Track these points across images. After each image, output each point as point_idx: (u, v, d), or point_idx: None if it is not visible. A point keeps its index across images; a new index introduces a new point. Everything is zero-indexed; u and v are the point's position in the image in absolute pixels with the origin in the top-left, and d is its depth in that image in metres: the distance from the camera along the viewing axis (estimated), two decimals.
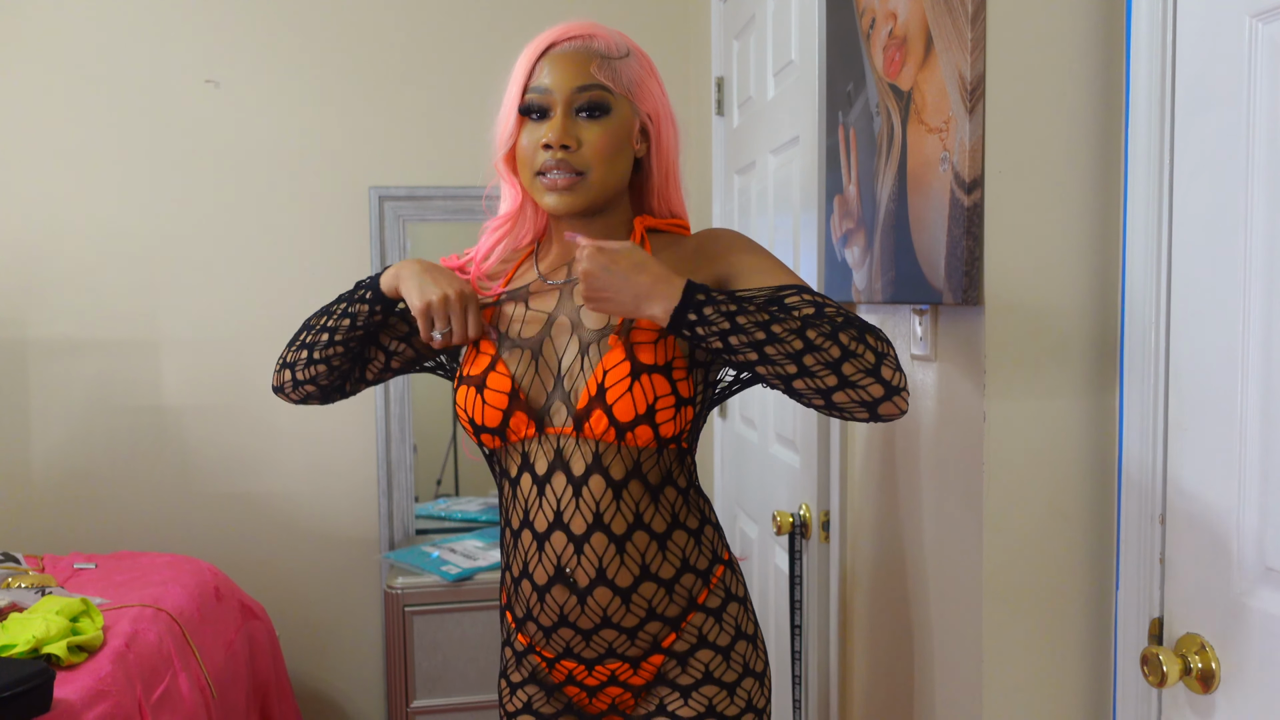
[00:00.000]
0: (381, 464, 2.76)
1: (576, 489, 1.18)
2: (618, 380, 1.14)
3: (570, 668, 1.24)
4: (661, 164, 1.27)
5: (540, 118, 1.20)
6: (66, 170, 2.62)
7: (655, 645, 1.22)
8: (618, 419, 1.14)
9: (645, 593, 1.20)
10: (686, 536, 1.23)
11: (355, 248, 2.74)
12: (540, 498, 1.19)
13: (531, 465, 1.20)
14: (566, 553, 1.18)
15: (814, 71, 1.75)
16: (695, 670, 1.23)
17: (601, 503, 1.17)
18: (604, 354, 1.17)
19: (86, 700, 1.60)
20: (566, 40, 1.21)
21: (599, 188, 1.20)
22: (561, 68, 1.19)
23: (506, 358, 1.22)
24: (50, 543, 2.63)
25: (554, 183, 1.18)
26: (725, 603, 1.26)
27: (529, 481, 1.20)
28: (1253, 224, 0.95)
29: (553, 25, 1.28)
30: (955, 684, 1.30)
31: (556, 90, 1.18)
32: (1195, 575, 1.04)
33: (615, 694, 1.26)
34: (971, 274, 1.19)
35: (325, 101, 2.71)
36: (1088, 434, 1.21)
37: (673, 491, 1.22)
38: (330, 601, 2.79)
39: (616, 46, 1.22)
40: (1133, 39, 1.11)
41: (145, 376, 2.68)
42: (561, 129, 1.17)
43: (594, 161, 1.18)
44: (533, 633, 1.25)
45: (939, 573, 1.35)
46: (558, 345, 1.21)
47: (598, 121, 1.19)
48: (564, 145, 1.17)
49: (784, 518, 1.80)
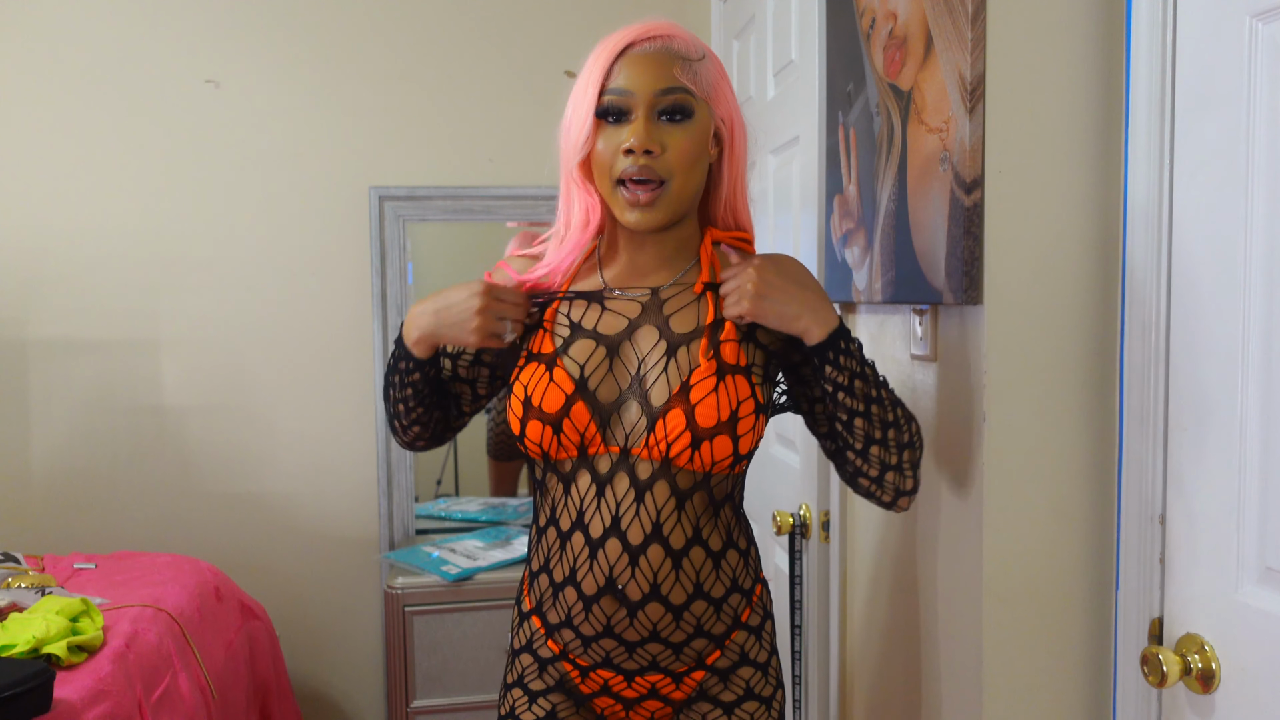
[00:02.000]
0: (381, 464, 2.76)
1: (639, 494, 1.14)
2: (704, 375, 1.13)
3: (607, 677, 1.21)
4: (733, 172, 1.23)
5: (618, 121, 1.14)
6: (66, 170, 2.62)
7: (700, 661, 1.21)
8: (698, 424, 1.11)
9: (696, 610, 1.18)
10: (738, 556, 1.22)
11: (355, 248, 2.74)
12: (599, 499, 1.15)
13: (591, 462, 1.16)
14: (620, 563, 1.15)
15: (814, 71, 1.75)
16: (737, 687, 1.22)
17: (663, 512, 1.14)
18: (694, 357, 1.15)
19: (86, 700, 1.60)
20: (647, 40, 1.15)
21: (679, 198, 1.15)
22: (643, 68, 1.13)
23: (575, 349, 1.18)
24: (50, 543, 2.63)
25: (636, 198, 1.13)
26: (764, 620, 1.26)
27: (587, 480, 1.16)
28: (1253, 224, 0.95)
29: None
30: (955, 684, 1.30)
31: (638, 92, 1.12)
32: (1195, 575, 1.04)
33: (655, 708, 1.23)
34: (971, 274, 1.19)
35: (325, 101, 2.71)
36: (1088, 434, 1.21)
37: (730, 509, 1.20)
38: (330, 601, 2.79)
39: (695, 48, 1.17)
40: (1133, 39, 1.11)
41: (145, 376, 2.68)
42: (645, 132, 1.12)
43: (677, 168, 1.13)
44: (568, 640, 1.21)
45: (939, 573, 1.35)
46: (640, 346, 1.17)
47: (680, 126, 1.14)
48: (647, 150, 1.12)
49: (784, 518, 1.80)
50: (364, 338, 2.75)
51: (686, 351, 1.15)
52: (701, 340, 1.15)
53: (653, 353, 1.16)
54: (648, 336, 1.17)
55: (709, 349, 1.14)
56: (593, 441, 1.15)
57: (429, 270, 2.83)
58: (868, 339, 1.58)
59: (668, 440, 1.12)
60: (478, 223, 2.77)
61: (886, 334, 1.50)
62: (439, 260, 2.87)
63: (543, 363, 1.17)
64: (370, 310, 2.74)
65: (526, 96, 2.76)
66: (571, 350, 1.18)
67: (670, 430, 1.12)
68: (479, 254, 2.87)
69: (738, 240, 1.24)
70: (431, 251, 2.85)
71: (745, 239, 1.25)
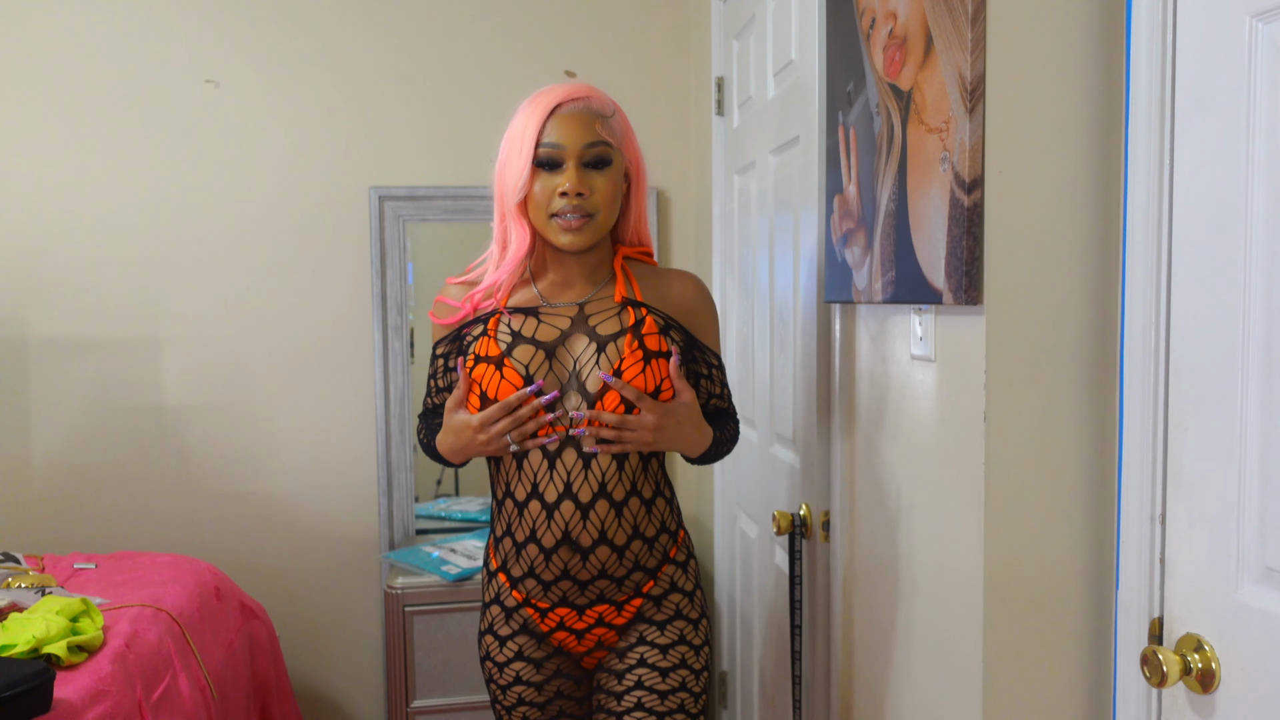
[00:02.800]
0: (381, 464, 2.76)
1: (586, 462, 1.43)
2: (632, 364, 1.42)
3: (562, 614, 1.49)
4: (638, 202, 1.53)
5: (551, 169, 1.41)
6: (67, 169, 2.62)
7: (637, 590, 1.50)
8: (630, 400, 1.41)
9: (634, 549, 1.48)
10: (664, 503, 1.53)
11: (355, 248, 2.74)
12: (551, 471, 1.43)
13: (543, 445, 1.43)
14: (574, 519, 1.43)
15: (814, 71, 1.75)
16: (668, 609, 1.52)
17: (607, 473, 1.44)
18: (620, 349, 1.43)
19: (86, 700, 1.60)
20: (571, 101, 1.43)
21: (603, 226, 1.45)
22: (570, 126, 1.41)
23: (518, 352, 1.44)
24: (50, 543, 2.63)
25: (569, 224, 1.41)
26: (688, 559, 1.56)
27: (539, 457, 1.44)
28: (1253, 224, 0.95)
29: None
30: (955, 684, 1.30)
31: (569, 145, 1.40)
32: (1195, 575, 1.04)
33: (601, 634, 1.51)
34: (971, 274, 1.19)
35: (325, 101, 2.71)
36: (1088, 434, 1.21)
37: (656, 463, 1.51)
38: (330, 601, 2.79)
39: (608, 106, 1.46)
40: (1133, 39, 1.11)
41: (145, 376, 2.68)
42: (577, 179, 1.40)
43: (602, 205, 1.42)
44: (531, 588, 1.49)
45: (939, 573, 1.35)
46: (573, 349, 1.45)
47: (602, 171, 1.43)
48: (579, 193, 1.39)
49: (784, 518, 1.80)
50: (364, 338, 2.75)
51: (615, 346, 1.44)
52: (626, 336, 1.44)
53: (584, 353, 1.44)
54: (579, 341, 1.46)
55: (633, 341, 1.43)
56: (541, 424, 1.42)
57: (429, 270, 2.83)
58: (868, 339, 1.58)
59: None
60: (478, 223, 2.77)
61: (886, 334, 1.50)
62: (439, 260, 2.87)
63: (492, 363, 1.43)
64: (370, 310, 2.74)
65: (526, 96, 2.75)
66: (515, 353, 1.44)
67: (608, 407, 1.41)
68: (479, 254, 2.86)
69: (642, 254, 1.56)
70: (431, 251, 2.85)
71: (647, 252, 1.57)
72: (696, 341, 1.55)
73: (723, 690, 2.66)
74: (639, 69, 2.83)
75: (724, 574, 2.60)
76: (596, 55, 2.80)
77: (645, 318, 1.46)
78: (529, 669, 1.52)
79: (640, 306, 1.48)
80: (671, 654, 1.49)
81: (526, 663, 1.52)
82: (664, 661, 1.49)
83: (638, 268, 1.55)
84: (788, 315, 1.96)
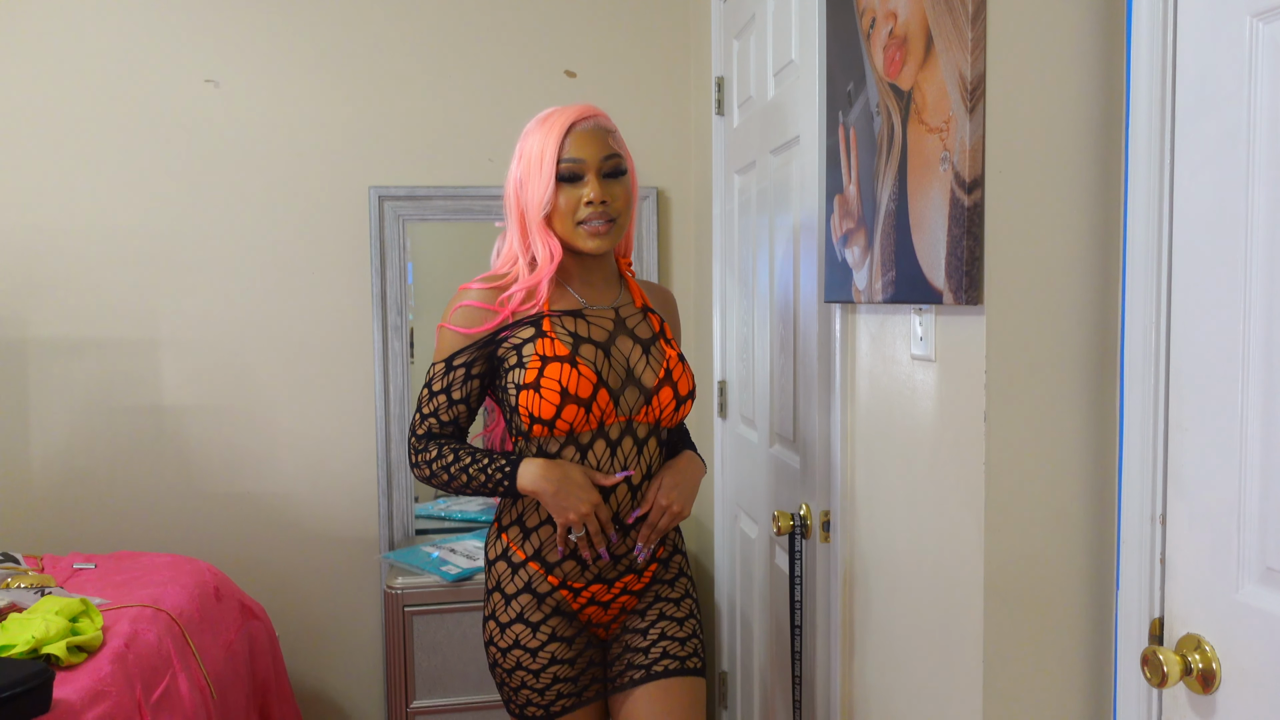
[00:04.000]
0: (381, 464, 2.76)
1: (640, 447, 1.62)
2: (676, 362, 1.64)
3: (595, 591, 1.64)
4: (632, 210, 1.66)
5: (574, 182, 1.56)
6: (66, 170, 2.62)
7: (653, 556, 1.68)
8: (680, 394, 1.63)
9: None
10: None
11: (355, 247, 2.74)
12: (612, 456, 1.60)
13: (606, 432, 1.59)
14: (626, 500, 1.62)
15: (814, 71, 1.75)
16: (675, 568, 1.73)
17: (654, 456, 1.64)
18: (661, 353, 1.64)
19: (86, 700, 1.60)
20: (584, 120, 1.58)
21: (622, 230, 1.62)
22: (588, 141, 1.56)
23: (583, 350, 1.59)
24: (50, 543, 2.63)
25: (595, 230, 1.57)
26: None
27: (602, 445, 1.59)
28: (1253, 224, 0.95)
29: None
30: (955, 684, 1.30)
31: (588, 159, 1.56)
32: (1195, 575, 1.04)
33: (624, 601, 1.67)
34: (971, 274, 1.19)
35: (325, 101, 2.71)
36: (1088, 434, 1.21)
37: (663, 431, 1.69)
38: (330, 601, 2.79)
39: (611, 122, 1.62)
40: (1133, 39, 1.10)
41: (145, 376, 2.68)
42: (601, 188, 1.56)
43: (621, 209, 1.60)
44: (569, 570, 1.62)
45: (939, 573, 1.35)
46: (623, 348, 1.62)
47: (619, 180, 1.59)
48: (603, 200, 1.55)
49: (784, 518, 1.80)
50: (364, 337, 2.75)
51: (654, 348, 1.64)
52: (660, 341, 1.65)
53: (633, 353, 1.63)
54: (625, 342, 1.63)
55: (666, 347, 1.65)
56: (609, 415, 1.58)
57: (429, 270, 2.83)
58: (868, 339, 1.58)
59: (660, 408, 1.62)
60: (478, 222, 2.77)
61: (886, 334, 1.50)
62: (439, 260, 2.87)
63: (566, 362, 1.55)
64: (370, 310, 2.74)
65: (526, 96, 2.76)
66: (581, 352, 1.58)
67: (664, 401, 1.62)
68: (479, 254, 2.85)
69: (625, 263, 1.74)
70: (431, 251, 2.85)
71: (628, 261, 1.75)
72: None
73: (723, 690, 2.66)
74: (639, 69, 2.83)
75: (724, 574, 2.60)
76: (596, 55, 2.80)
77: (664, 325, 1.68)
78: (562, 648, 1.63)
79: (654, 313, 1.69)
80: (684, 605, 1.71)
81: (560, 642, 1.63)
82: (679, 612, 1.69)
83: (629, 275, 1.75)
84: (788, 315, 1.96)
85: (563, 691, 1.63)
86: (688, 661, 1.66)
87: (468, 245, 2.91)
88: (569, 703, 1.64)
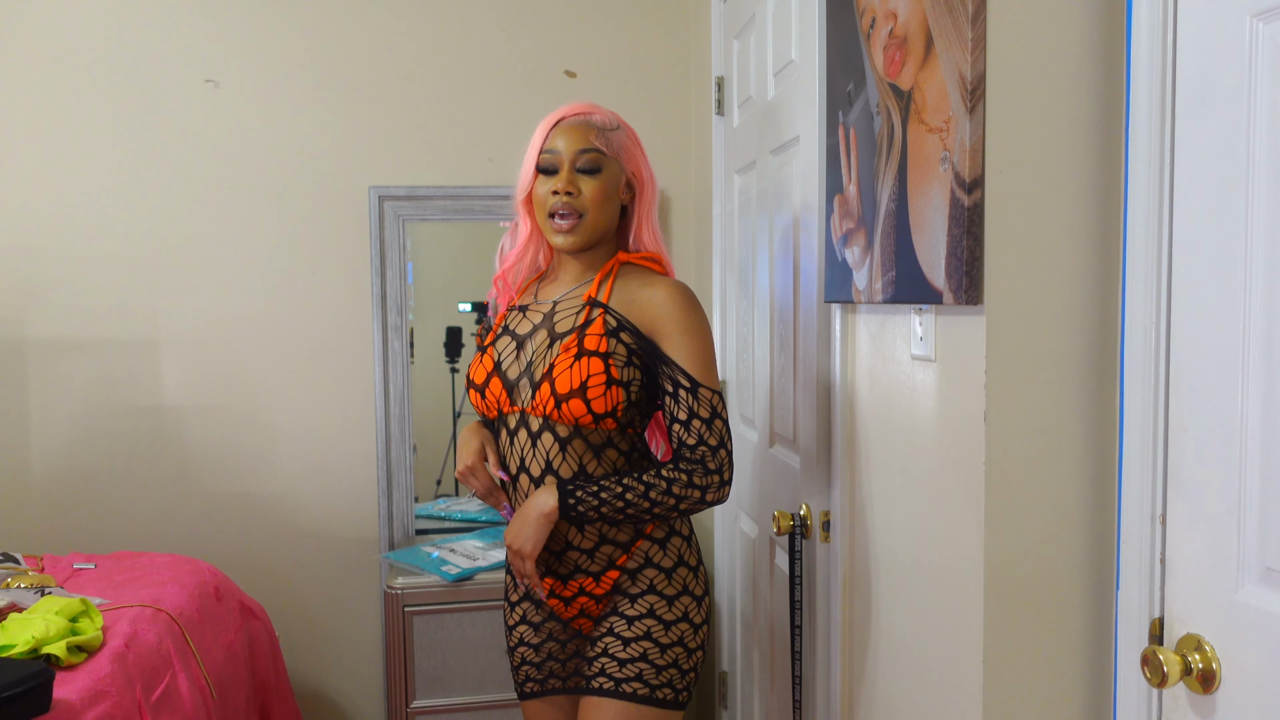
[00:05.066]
0: (381, 464, 2.76)
1: (534, 440, 1.59)
2: (564, 359, 1.55)
3: (551, 583, 1.63)
4: (642, 211, 1.68)
5: (551, 173, 1.59)
6: (66, 170, 2.62)
7: (610, 563, 1.61)
8: (557, 391, 1.54)
9: (598, 524, 1.58)
10: None
11: (355, 247, 2.74)
12: (512, 444, 1.62)
13: (505, 420, 1.63)
14: (531, 491, 1.60)
15: (814, 71, 1.75)
16: (642, 583, 1.61)
17: (550, 452, 1.58)
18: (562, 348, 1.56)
19: (86, 700, 1.60)
20: (572, 115, 1.61)
21: (593, 227, 1.60)
22: (567, 135, 1.59)
23: (500, 344, 1.66)
24: (50, 543, 2.63)
25: (560, 226, 1.59)
26: (669, 536, 1.63)
27: (504, 433, 1.64)
28: (1253, 224, 0.95)
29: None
30: (955, 684, 1.30)
31: (564, 151, 1.58)
32: (1195, 575, 1.04)
33: (583, 603, 1.64)
34: (971, 274, 1.19)
35: (325, 101, 2.71)
36: (1088, 434, 1.21)
37: (614, 453, 1.59)
38: (330, 601, 2.79)
39: (609, 121, 1.63)
40: (1133, 39, 1.10)
41: (145, 376, 2.68)
42: (567, 179, 1.57)
43: (590, 205, 1.58)
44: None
45: (939, 573, 1.35)
46: (535, 341, 1.62)
47: (593, 176, 1.59)
48: (568, 191, 1.57)
49: (784, 518, 1.80)
50: (364, 337, 2.75)
51: (559, 343, 1.58)
52: (569, 337, 1.57)
53: (540, 347, 1.61)
54: (540, 336, 1.62)
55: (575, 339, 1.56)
56: (504, 404, 1.62)
57: (429, 270, 2.83)
58: (868, 339, 1.58)
59: (542, 403, 1.56)
60: (478, 222, 2.77)
61: (886, 334, 1.50)
62: (439, 260, 2.87)
63: (481, 351, 1.68)
64: (370, 310, 2.74)
65: (526, 96, 2.76)
66: (498, 344, 1.67)
67: (543, 395, 1.56)
68: (479, 254, 2.87)
69: (646, 260, 1.67)
70: (431, 251, 2.85)
71: (652, 258, 1.67)
72: (660, 353, 1.56)
73: (722, 690, 2.66)
74: (639, 69, 2.83)
75: (724, 574, 2.60)
76: (597, 55, 2.80)
77: (597, 318, 1.57)
78: (529, 631, 1.71)
79: (599, 307, 1.58)
80: (637, 626, 1.59)
81: (527, 625, 1.71)
82: (629, 632, 1.59)
83: (631, 272, 1.64)
84: (788, 315, 1.96)
85: (529, 675, 1.71)
86: (624, 685, 1.56)
87: (468, 245, 2.91)
88: (534, 687, 1.71)
